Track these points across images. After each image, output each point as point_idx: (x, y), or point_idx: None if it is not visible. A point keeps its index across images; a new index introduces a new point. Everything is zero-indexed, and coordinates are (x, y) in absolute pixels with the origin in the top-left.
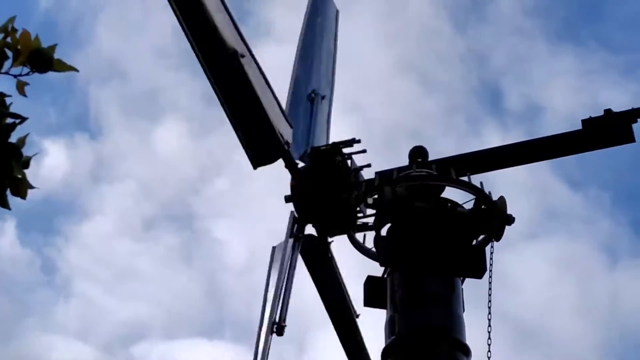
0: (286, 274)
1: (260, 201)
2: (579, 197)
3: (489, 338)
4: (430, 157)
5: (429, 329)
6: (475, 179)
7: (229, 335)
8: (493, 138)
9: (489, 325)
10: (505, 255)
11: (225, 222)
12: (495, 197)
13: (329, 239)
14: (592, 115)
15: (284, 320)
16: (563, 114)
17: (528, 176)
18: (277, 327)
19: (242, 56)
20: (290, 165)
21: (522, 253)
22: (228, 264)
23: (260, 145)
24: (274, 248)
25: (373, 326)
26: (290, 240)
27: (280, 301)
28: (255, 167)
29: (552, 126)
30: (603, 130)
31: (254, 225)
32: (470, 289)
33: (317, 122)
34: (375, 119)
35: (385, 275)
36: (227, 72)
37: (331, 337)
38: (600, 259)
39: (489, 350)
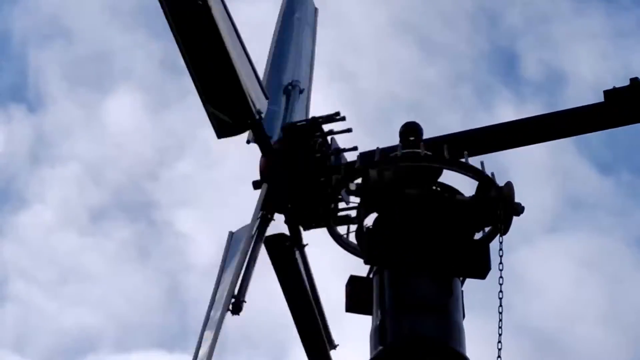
0: (247, 258)
1: (230, 188)
2: (609, 183)
3: (499, 349)
4: (430, 135)
5: (421, 339)
6: (481, 162)
7: (193, 346)
8: (506, 112)
9: (500, 334)
10: (521, 252)
11: (188, 212)
12: (502, 183)
13: (304, 241)
14: (617, 86)
15: (244, 296)
16: (589, 83)
17: (548, 158)
18: (234, 305)
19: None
20: (260, 140)
21: (541, 250)
22: (192, 262)
23: (227, 111)
24: (231, 234)
25: (356, 336)
26: (256, 224)
27: (240, 278)
28: (219, 137)
29: (576, 98)
30: (628, 104)
31: (222, 216)
32: (477, 292)
33: (295, 113)
34: (366, 90)
35: (371, 275)
36: (190, 13)
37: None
38: (633, 257)
39: (499, 343)
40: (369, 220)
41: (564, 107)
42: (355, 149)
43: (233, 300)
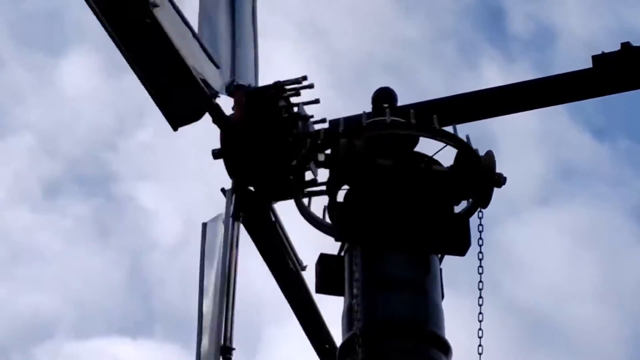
0: (227, 268)
1: (197, 158)
2: (604, 149)
3: (480, 329)
4: (412, 99)
5: (397, 321)
6: (467, 135)
7: (158, 331)
8: (492, 71)
9: (480, 313)
10: (509, 226)
11: (151, 185)
12: (485, 150)
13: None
14: (605, 51)
15: (230, 340)
16: (580, 39)
17: (538, 123)
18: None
19: (155, 5)
20: (219, 120)
21: (530, 223)
22: (156, 241)
23: (180, 101)
24: (204, 225)
25: (329, 318)
26: (229, 220)
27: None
28: (175, 128)
29: (568, 56)
30: (618, 70)
31: (189, 189)
32: (460, 269)
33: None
34: (340, 49)
35: (343, 253)
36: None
37: (291, 334)
38: (630, 229)
39: (480, 344)
40: (340, 194)
41: (554, 66)
42: (323, 120)
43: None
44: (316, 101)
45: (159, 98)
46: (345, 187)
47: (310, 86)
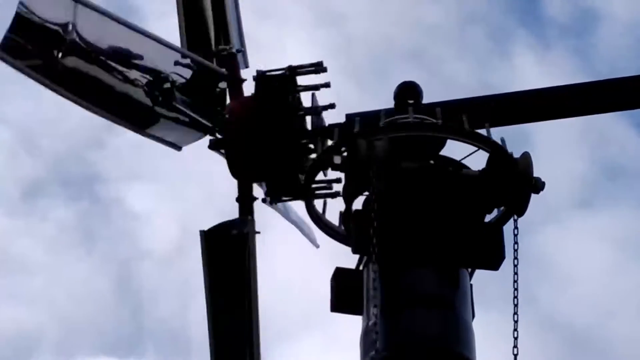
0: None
1: (189, 156)
2: None
3: (515, 346)
4: (436, 90)
5: (423, 342)
6: (501, 138)
7: (150, 350)
8: (526, 60)
9: (515, 330)
10: (547, 232)
11: (141, 187)
12: (519, 152)
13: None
14: None
15: None
16: (626, 24)
17: (579, 118)
18: None
19: None
20: (234, 79)
21: (570, 229)
22: (148, 248)
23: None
24: (203, 233)
25: (345, 339)
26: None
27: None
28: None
29: (611, 42)
30: None
31: (184, 191)
32: (492, 282)
33: None
34: (357, 35)
35: (361, 267)
36: None
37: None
38: None
39: (515, 348)
40: (358, 200)
41: (595, 54)
42: (332, 106)
43: None
44: (326, 85)
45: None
46: (365, 192)
47: (327, 85)
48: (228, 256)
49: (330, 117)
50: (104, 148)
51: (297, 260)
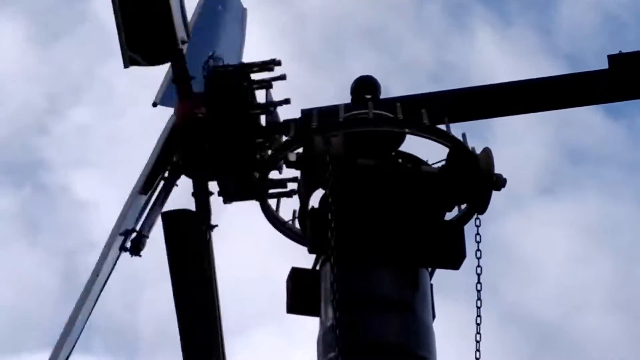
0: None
1: (140, 141)
2: (619, 130)
3: (477, 350)
4: (394, 70)
5: (381, 344)
6: (463, 134)
7: (97, 345)
8: (485, 38)
9: (478, 333)
10: (510, 220)
11: (88, 173)
12: (477, 138)
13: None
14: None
15: (148, 230)
16: (589, 0)
17: None
18: (134, 241)
19: None
20: (180, 75)
21: (534, 217)
22: (95, 239)
23: (144, 35)
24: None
25: (302, 342)
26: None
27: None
28: (126, 65)
29: (573, 19)
30: (638, 74)
31: (131, 178)
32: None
33: None
34: (310, 14)
35: (318, 267)
36: None
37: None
38: None
39: (477, 352)
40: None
41: (558, 30)
42: (287, 102)
43: (134, 234)
44: (282, 77)
45: (127, 29)
46: (320, 190)
47: (282, 77)
48: (187, 245)
49: (285, 110)
50: (48, 133)
51: (252, 254)
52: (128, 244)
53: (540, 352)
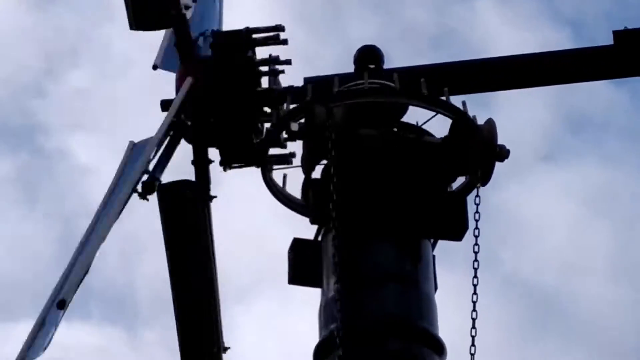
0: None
1: (139, 104)
2: (621, 97)
3: (474, 309)
4: (394, 36)
5: (382, 317)
6: (463, 101)
7: (95, 313)
8: (486, 3)
9: (475, 293)
10: (510, 188)
11: (86, 137)
12: (478, 105)
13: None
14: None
15: (160, 173)
16: None
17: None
18: (146, 183)
19: None
20: (183, 42)
21: (534, 184)
22: (93, 204)
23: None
24: (132, 144)
25: (303, 313)
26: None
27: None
28: (132, 27)
29: None
30: None
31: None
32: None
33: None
34: None
35: (319, 238)
36: None
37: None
38: None
39: (473, 327)
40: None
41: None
42: (288, 62)
43: (146, 177)
44: (284, 42)
45: None
46: (323, 161)
47: (284, 42)
48: (184, 217)
49: (286, 75)
50: (46, 96)
51: (252, 219)
52: (139, 187)
53: (540, 317)
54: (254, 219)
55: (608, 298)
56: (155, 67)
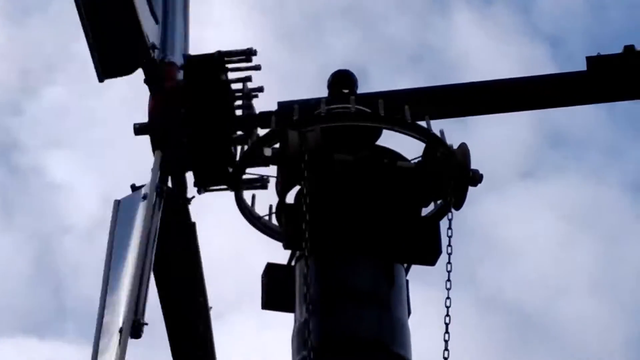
0: (146, 246)
1: (117, 122)
2: (601, 112)
3: (446, 349)
4: (374, 49)
5: (356, 340)
6: (441, 130)
7: (71, 330)
8: (464, 18)
9: (446, 332)
10: (489, 204)
11: (63, 155)
12: (460, 130)
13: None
14: (602, 53)
15: (143, 315)
16: None
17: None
18: (134, 327)
19: None
20: (152, 79)
21: (514, 201)
22: (69, 222)
23: (116, 48)
24: (117, 202)
25: (278, 338)
26: (153, 196)
27: (138, 294)
28: (101, 79)
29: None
30: (617, 77)
31: (108, 161)
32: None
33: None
34: None
35: (293, 263)
36: None
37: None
38: (632, 208)
39: (446, 349)
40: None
41: (538, 10)
42: (260, 89)
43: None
44: (257, 67)
45: (96, 38)
46: (297, 185)
47: (257, 67)
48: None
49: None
50: (21, 113)
51: (229, 238)
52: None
53: (521, 338)
54: (232, 238)
55: (591, 314)
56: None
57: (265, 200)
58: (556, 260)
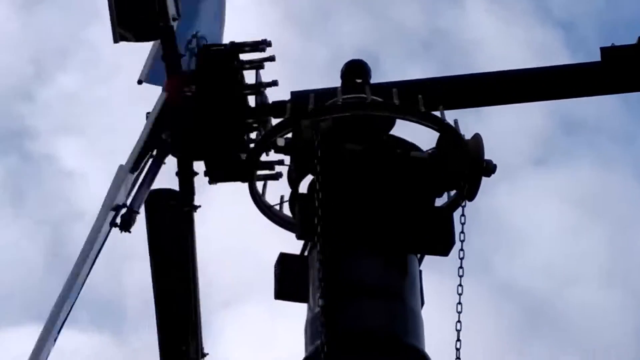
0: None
1: (128, 108)
2: (614, 100)
3: (458, 339)
4: (384, 36)
5: (368, 332)
6: (455, 120)
7: (83, 318)
8: (476, 5)
9: (458, 321)
10: (501, 192)
11: (74, 142)
12: (473, 119)
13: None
14: (614, 39)
15: (138, 206)
16: None
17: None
18: (124, 217)
19: None
20: (170, 53)
21: (526, 188)
22: (79, 208)
23: (135, 11)
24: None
25: (289, 328)
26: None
27: (133, 188)
28: (116, 41)
29: None
30: (631, 68)
31: (121, 147)
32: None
33: None
34: None
35: (306, 253)
36: None
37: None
38: None
39: (458, 339)
40: (302, 183)
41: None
42: (275, 83)
43: (124, 210)
44: (271, 58)
45: (118, 5)
46: (310, 176)
47: (272, 59)
48: (166, 225)
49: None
50: (33, 100)
51: (239, 226)
52: (118, 220)
53: (532, 325)
54: (244, 227)
55: (601, 303)
56: (140, 82)
57: (276, 190)
58: (567, 247)
